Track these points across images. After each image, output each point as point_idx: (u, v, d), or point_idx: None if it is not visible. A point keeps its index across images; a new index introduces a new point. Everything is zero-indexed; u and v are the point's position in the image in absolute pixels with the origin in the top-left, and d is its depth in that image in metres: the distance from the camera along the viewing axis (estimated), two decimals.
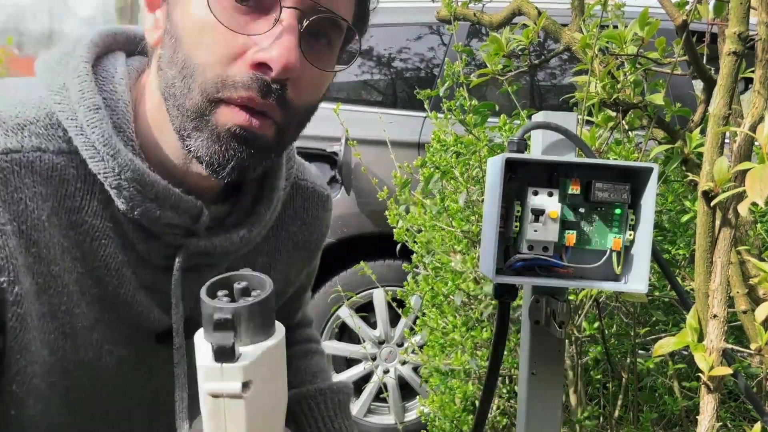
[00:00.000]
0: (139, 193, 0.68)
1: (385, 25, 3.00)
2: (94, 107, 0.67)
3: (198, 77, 0.64)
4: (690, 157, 1.24)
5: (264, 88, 0.64)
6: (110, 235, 0.70)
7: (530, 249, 0.84)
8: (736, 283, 0.87)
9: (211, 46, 0.64)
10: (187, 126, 0.67)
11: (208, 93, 0.64)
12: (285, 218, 0.88)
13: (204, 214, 0.73)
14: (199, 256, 0.75)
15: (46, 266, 0.67)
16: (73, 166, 0.67)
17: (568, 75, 3.01)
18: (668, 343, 0.84)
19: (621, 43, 1.23)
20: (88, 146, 0.67)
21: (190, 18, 0.65)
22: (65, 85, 0.68)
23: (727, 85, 0.79)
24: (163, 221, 0.70)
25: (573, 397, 1.52)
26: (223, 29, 0.63)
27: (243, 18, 0.64)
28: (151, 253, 0.73)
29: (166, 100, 0.68)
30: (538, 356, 0.92)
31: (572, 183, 0.83)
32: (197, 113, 0.65)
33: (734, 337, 1.49)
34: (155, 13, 0.71)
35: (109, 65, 0.73)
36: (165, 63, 0.67)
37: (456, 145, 1.62)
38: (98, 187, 0.68)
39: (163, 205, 0.69)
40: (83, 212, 0.68)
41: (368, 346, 2.77)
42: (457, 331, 1.57)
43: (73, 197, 0.67)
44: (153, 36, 0.71)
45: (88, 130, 0.66)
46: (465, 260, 1.54)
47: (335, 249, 2.74)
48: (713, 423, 0.77)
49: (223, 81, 0.64)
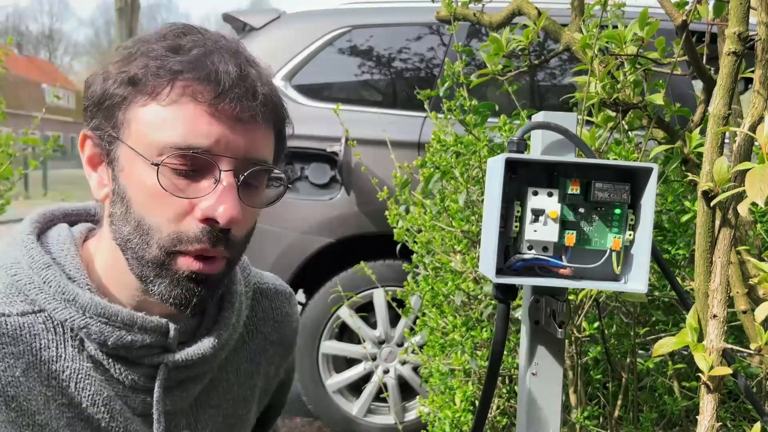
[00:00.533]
0: (107, 324, 0.75)
1: (385, 25, 3.01)
2: (45, 266, 0.76)
3: (154, 234, 0.73)
4: (690, 157, 1.24)
5: (214, 239, 0.74)
6: (91, 374, 0.76)
7: (530, 249, 0.84)
8: (735, 283, 0.87)
9: (162, 209, 0.73)
10: (149, 274, 0.75)
11: (166, 248, 0.73)
12: (257, 321, 0.96)
13: (172, 329, 0.80)
14: (180, 371, 0.81)
15: (30, 417, 0.73)
16: (40, 322, 0.74)
17: (568, 75, 3.01)
18: (668, 343, 0.84)
19: (621, 43, 1.23)
20: (49, 300, 0.74)
21: (139, 185, 0.73)
22: (16, 258, 0.77)
23: (727, 85, 0.79)
24: (137, 344, 0.77)
25: (573, 396, 1.52)
26: (170, 194, 0.72)
27: (185, 182, 0.73)
28: (136, 381, 0.79)
29: (123, 251, 0.76)
30: (538, 356, 0.92)
31: (572, 183, 0.83)
32: (157, 264, 0.74)
33: (734, 337, 1.49)
34: (97, 171, 0.79)
35: (52, 234, 0.82)
36: (118, 220, 0.75)
37: (456, 145, 1.62)
38: (69, 334, 0.76)
39: (132, 329, 0.76)
40: (61, 360, 0.75)
41: (368, 346, 2.77)
42: (457, 331, 1.57)
43: (47, 348, 0.74)
44: (99, 193, 0.79)
45: (45, 287, 0.75)
46: (465, 260, 1.54)
47: (335, 249, 2.75)
48: (713, 423, 0.77)
49: (179, 237, 0.73)
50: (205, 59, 0.73)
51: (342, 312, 2.76)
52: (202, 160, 0.72)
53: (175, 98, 0.72)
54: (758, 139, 0.73)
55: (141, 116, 0.73)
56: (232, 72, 0.73)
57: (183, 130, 0.71)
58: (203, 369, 0.85)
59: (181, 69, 0.72)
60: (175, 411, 0.84)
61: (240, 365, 0.93)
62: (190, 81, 0.72)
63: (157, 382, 0.79)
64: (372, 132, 2.60)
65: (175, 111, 0.72)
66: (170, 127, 0.72)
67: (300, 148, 2.70)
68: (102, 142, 0.76)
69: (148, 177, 0.72)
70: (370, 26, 2.98)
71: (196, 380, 0.85)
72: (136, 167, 0.73)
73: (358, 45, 2.99)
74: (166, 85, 0.72)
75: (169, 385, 0.81)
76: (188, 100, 0.72)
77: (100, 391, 0.77)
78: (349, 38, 2.96)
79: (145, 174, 0.73)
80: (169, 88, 0.71)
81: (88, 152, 0.79)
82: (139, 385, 0.79)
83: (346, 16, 2.98)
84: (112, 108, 0.74)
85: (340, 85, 3.04)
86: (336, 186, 2.76)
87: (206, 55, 0.73)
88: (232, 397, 0.92)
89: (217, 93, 0.72)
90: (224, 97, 0.72)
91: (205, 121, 0.72)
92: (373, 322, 2.83)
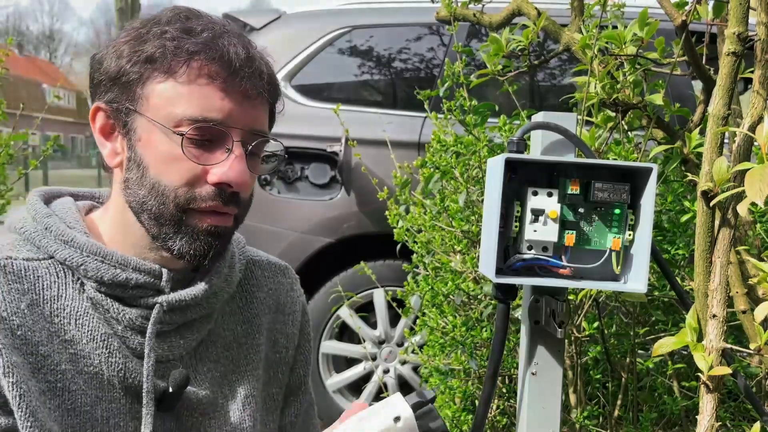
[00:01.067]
0: (102, 262, 0.83)
1: (385, 26, 3.01)
2: (46, 215, 0.85)
3: (170, 194, 0.82)
4: (689, 157, 1.24)
5: (225, 198, 0.84)
6: (90, 312, 0.83)
7: (530, 249, 0.85)
8: (735, 283, 0.87)
9: (179, 173, 0.82)
10: (168, 231, 0.83)
11: (182, 205, 0.82)
12: (250, 288, 1.01)
13: (165, 273, 0.86)
14: (175, 313, 0.87)
15: (34, 347, 0.79)
16: (44, 266, 0.83)
17: (568, 75, 3.01)
18: (668, 342, 0.84)
19: (620, 44, 1.23)
20: (51, 243, 0.83)
21: (157, 152, 0.82)
22: (24, 216, 0.87)
23: (727, 86, 0.80)
24: (131, 283, 0.84)
25: (572, 396, 1.52)
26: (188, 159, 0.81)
27: (200, 150, 0.82)
28: (133, 320, 0.85)
29: (138, 213, 0.84)
30: (538, 356, 0.92)
31: (572, 183, 0.83)
32: (174, 221, 0.83)
33: (734, 337, 1.49)
34: (110, 141, 0.86)
35: (57, 201, 0.91)
36: (134, 184, 0.83)
37: (456, 146, 1.62)
38: (70, 277, 0.84)
39: (126, 268, 0.84)
40: (62, 299, 0.82)
41: (368, 346, 2.78)
42: (457, 331, 1.57)
43: (50, 288, 0.82)
44: (113, 161, 0.86)
45: (46, 233, 0.84)
46: (465, 260, 1.54)
47: (335, 249, 2.75)
48: (713, 422, 0.78)
49: (193, 197, 0.82)
50: (216, 41, 0.81)
51: (342, 312, 2.76)
52: (216, 131, 0.81)
53: (191, 76, 0.80)
54: (758, 139, 0.73)
55: (159, 91, 0.81)
56: (241, 53, 0.81)
57: (199, 105, 0.80)
58: (197, 314, 0.90)
59: (197, 50, 0.79)
60: (174, 358, 0.88)
61: (236, 327, 0.98)
62: (205, 61, 0.80)
63: (151, 320, 0.85)
64: (372, 132, 2.60)
65: (191, 87, 0.80)
66: (187, 101, 0.80)
67: (300, 148, 2.70)
68: (117, 114, 0.84)
69: (167, 145, 0.81)
70: (370, 26, 2.99)
71: (192, 328, 0.90)
72: (154, 137, 0.81)
73: (358, 45, 3.00)
74: (182, 64, 0.79)
75: (165, 329, 0.87)
76: (203, 78, 0.80)
77: (98, 328, 0.83)
78: (349, 38, 2.96)
79: (163, 142, 0.81)
80: (186, 66, 0.79)
81: (100, 123, 0.86)
82: (136, 325, 0.85)
83: (346, 17, 2.98)
84: (129, 84, 0.81)
85: (340, 85, 3.05)
86: (336, 186, 2.76)
87: (217, 38, 0.81)
88: (232, 356, 0.96)
89: (229, 72, 0.80)
90: (235, 76, 0.81)
91: (218, 96, 0.81)
92: (373, 322, 2.83)
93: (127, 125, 0.83)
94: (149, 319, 0.85)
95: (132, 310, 0.84)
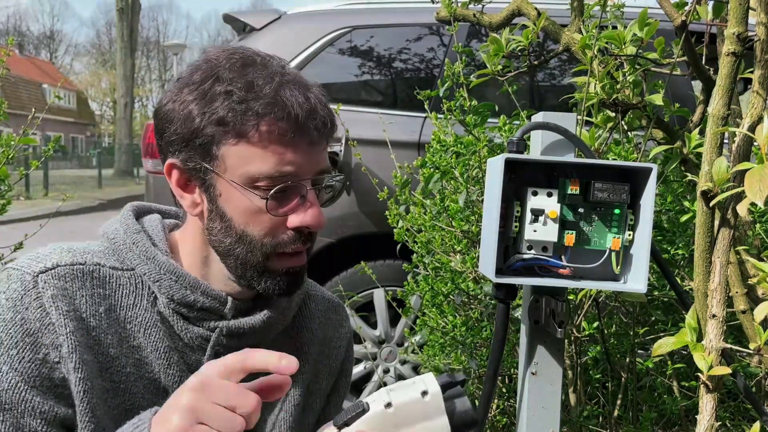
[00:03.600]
0: (176, 282, 0.90)
1: (385, 26, 3.01)
2: (136, 231, 0.93)
3: (257, 243, 0.89)
4: (689, 158, 1.25)
5: (304, 239, 0.91)
6: (158, 325, 0.91)
7: (530, 249, 0.85)
8: (735, 283, 0.87)
9: (262, 223, 0.88)
10: (252, 275, 0.90)
11: (268, 253, 0.89)
12: (303, 320, 1.08)
13: (229, 300, 0.93)
14: (232, 339, 0.93)
15: (105, 348, 0.87)
16: (126, 277, 0.91)
17: (567, 75, 3.02)
18: (667, 342, 0.85)
19: (620, 44, 1.23)
20: (135, 257, 0.91)
21: (239, 208, 0.88)
22: (116, 229, 0.95)
23: (726, 86, 0.80)
24: (198, 305, 0.91)
25: (572, 396, 1.52)
26: (268, 212, 0.87)
27: (277, 202, 0.88)
28: (194, 339, 0.92)
29: (225, 257, 0.91)
30: (538, 356, 0.93)
31: (571, 183, 0.83)
32: (260, 266, 0.90)
33: (733, 337, 1.49)
34: (188, 193, 0.92)
35: (147, 217, 1.00)
36: (218, 232, 0.90)
37: (456, 146, 1.63)
38: (146, 290, 0.91)
39: (195, 291, 0.91)
40: (136, 308, 0.90)
41: (368, 346, 2.78)
42: (457, 331, 1.57)
43: (127, 297, 0.90)
44: (194, 211, 0.93)
45: (133, 247, 0.91)
46: (465, 260, 1.54)
47: (335, 249, 2.75)
48: (712, 422, 0.78)
49: (278, 243, 0.89)
50: (279, 96, 0.86)
51: None
52: (291, 184, 0.88)
53: (262, 137, 0.85)
54: (757, 139, 0.73)
55: (233, 153, 0.86)
56: (303, 104, 0.87)
57: (272, 162, 0.86)
58: (252, 341, 0.95)
59: (265, 112, 0.85)
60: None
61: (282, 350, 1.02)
62: (274, 120, 0.85)
63: (210, 342, 0.92)
64: (372, 132, 2.60)
65: (263, 147, 0.86)
66: (261, 160, 0.86)
67: None
68: (195, 172, 0.90)
69: (247, 201, 0.87)
70: (371, 27, 2.99)
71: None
72: (234, 194, 0.88)
73: (359, 45, 3.00)
74: (252, 128, 0.85)
75: (221, 352, 0.92)
76: (274, 136, 0.86)
77: (162, 340, 0.91)
78: (349, 39, 2.96)
79: (243, 200, 0.87)
80: (255, 129, 0.85)
81: (176, 177, 0.92)
82: (196, 344, 0.92)
83: (347, 17, 2.98)
84: (204, 145, 0.87)
85: (340, 85, 3.05)
86: None
87: (279, 91, 0.86)
88: None
89: (297, 128, 0.86)
90: (302, 130, 0.87)
91: (289, 151, 0.87)
92: (373, 321, 2.84)
93: (206, 182, 0.89)
94: (208, 341, 0.92)
95: (195, 329, 0.92)
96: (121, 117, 23.70)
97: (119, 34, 22.72)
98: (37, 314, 0.83)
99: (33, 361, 0.83)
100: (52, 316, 0.83)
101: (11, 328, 0.83)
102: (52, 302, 0.84)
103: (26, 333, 0.83)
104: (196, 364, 0.93)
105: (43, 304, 0.84)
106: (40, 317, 0.83)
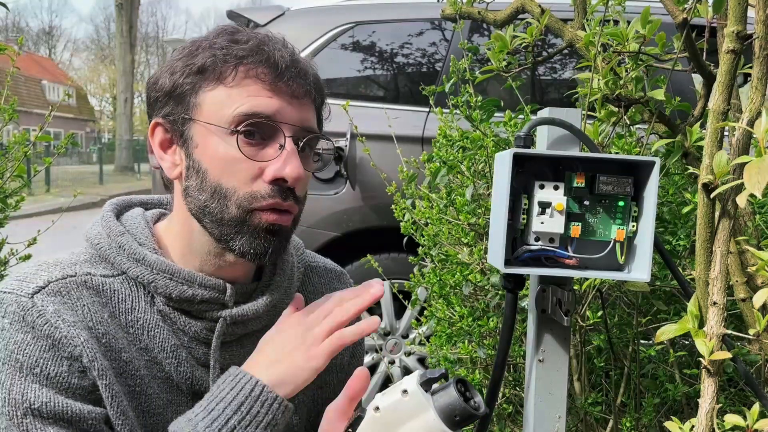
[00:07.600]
0: (171, 279, 0.88)
1: (388, 22, 3.03)
2: (119, 233, 0.90)
3: (231, 196, 0.85)
4: (690, 151, 1.27)
5: (284, 194, 0.87)
6: (160, 324, 0.89)
7: (537, 240, 0.88)
8: (735, 272, 0.90)
9: (237, 174, 0.85)
10: (229, 232, 0.86)
11: (244, 206, 0.85)
12: (307, 294, 1.04)
13: (228, 287, 0.91)
14: (237, 326, 0.92)
15: (117, 353, 0.86)
16: (119, 281, 0.89)
17: (569, 69, 3.04)
18: (670, 329, 0.87)
19: (623, 41, 1.25)
20: (124, 261, 0.88)
21: (214, 156, 0.85)
22: (99, 232, 0.92)
23: (726, 82, 0.82)
24: (197, 298, 0.89)
25: (577, 384, 1.56)
26: (244, 159, 0.84)
27: (254, 149, 0.85)
28: (199, 333, 0.90)
29: (200, 218, 0.88)
30: (545, 344, 0.95)
31: (577, 176, 0.86)
32: (236, 222, 0.86)
33: (734, 326, 1.52)
34: (168, 153, 0.91)
35: (128, 213, 0.97)
36: (194, 190, 0.87)
37: (462, 141, 1.65)
38: (141, 291, 0.89)
39: (192, 284, 0.88)
40: (135, 311, 0.88)
41: (374, 338, 2.81)
42: (464, 321, 1.60)
43: (124, 302, 0.88)
44: (173, 173, 0.90)
45: (120, 251, 0.89)
46: (472, 252, 1.57)
47: (341, 243, 2.78)
48: (714, 405, 0.80)
49: (253, 195, 0.85)
50: (262, 46, 0.85)
51: None
52: (268, 126, 0.85)
53: (240, 80, 0.84)
54: (756, 133, 0.76)
55: (211, 97, 0.85)
56: (286, 56, 0.86)
57: (249, 102, 0.84)
58: (258, 326, 0.94)
59: (244, 54, 0.84)
60: (233, 365, 0.90)
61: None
62: (253, 64, 0.84)
63: (216, 333, 0.90)
64: (376, 127, 2.63)
65: (241, 89, 0.84)
66: (237, 101, 0.84)
67: None
68: (174, 126, 0.88)
69: (223, 147, 0.85)
70: (374, 22, 3.01)
71: (253, 338, 0.93)
72: (211, 141, 0.85)
73: (362, 41, 3.02)
74: (231, 70, 0.84)
75: (227, 340, 0.92)
76: (252, 80, 0.84)
77: (168, 339, 0.89)
78: (352, 34, 2.98)
79: (219, 145, 0.85)
80: (234, 71, 0.84)
81: (159, 137, 0.90)
82: (201, 336, 0.91)
83: (350, 13, 3.00)
84: (182, 95, 0.86)
85: (343, 80, 3.07)
86: (341, 181, 2.79)
87: (262, 44, 0.86)
88: None
89: (276, 74, 0.84)
90: (282, 77, 0.85)
91: (266, 95, 0.84)
92: (379, 314, 2.87)
93: (184, 134, 0.88)
94: (213, 331, 0.90)
95: (197, 322, 0.90)
96: (121, 113, 23.66)
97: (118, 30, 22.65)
98: (46, 331, 0.81)
99: (59, 375, 0.81)
100: (62, 329, 0.81)
101: (26, 348, 0.81)
102: (57, 317, 0.82)
103: (43, 350, 0.81)
104: (203, 356, 0.91)
105: (48, 320, 0.81)
106: (50, 333, 0.81)
